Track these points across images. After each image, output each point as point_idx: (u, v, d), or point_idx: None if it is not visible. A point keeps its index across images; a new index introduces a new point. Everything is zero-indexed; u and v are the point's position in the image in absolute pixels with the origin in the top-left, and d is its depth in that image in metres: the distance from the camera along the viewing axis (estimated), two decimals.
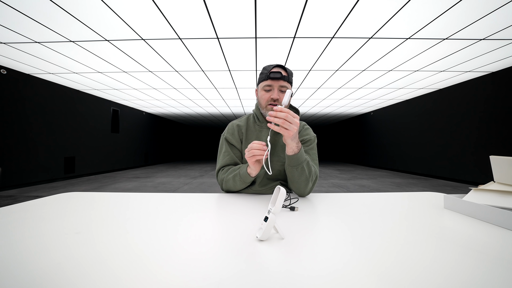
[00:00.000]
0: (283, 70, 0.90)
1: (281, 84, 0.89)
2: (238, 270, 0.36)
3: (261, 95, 0.93)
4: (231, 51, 3.49)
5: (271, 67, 0.90)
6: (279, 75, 0.86)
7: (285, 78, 0.88)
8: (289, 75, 0.90)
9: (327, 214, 0.68)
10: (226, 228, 0.55)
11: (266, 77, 0.89)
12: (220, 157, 1.00)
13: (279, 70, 0.89)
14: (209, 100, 6.90)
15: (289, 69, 0.92)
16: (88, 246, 0.45)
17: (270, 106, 0.90)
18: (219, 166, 0.99)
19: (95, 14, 2.49)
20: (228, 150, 0.99)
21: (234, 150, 1.00)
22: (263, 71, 0.92)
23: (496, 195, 0.63)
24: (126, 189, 4.45)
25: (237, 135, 1.00)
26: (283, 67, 0.91)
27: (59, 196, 0.88)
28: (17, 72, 4.40)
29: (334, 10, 2.45)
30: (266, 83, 0.90)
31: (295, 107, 1.03)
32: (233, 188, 0.92)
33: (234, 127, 1.02)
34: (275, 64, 0.91)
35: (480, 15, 2.50)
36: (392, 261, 0.39)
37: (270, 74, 0.88)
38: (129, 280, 0.34)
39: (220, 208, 0.73)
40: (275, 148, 0.95)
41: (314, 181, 0.89)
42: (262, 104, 0.93)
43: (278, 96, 0.89)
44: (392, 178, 5.96)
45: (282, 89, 0.90)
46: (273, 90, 0.90)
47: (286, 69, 0.90)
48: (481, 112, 4.62)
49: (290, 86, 0.91)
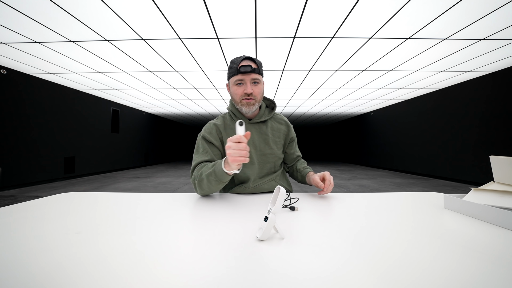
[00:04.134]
0: (252, 63, 0.88)
1: (252, 77, 0.88)
2: (238, 270, 0.36)
3: (234, 90, 0.91)
4: (231, 51, 3.49)
5: (239, 60, 0.88)
6: (249, 69, 0.85)
7: (255, 71, 0.87)
8: (259, 67, 0.89)
9: (327, 214, 0.68)
10: (226, 228, 0.55)
11: (236, 71, 0.87)
12: (196, 156, 0.93)
13: (248, 63, 0.88)
14: (209, 100, 6.90)
15: (258, 60, 0.91)
16: (88, 246, 0.45)
17: (244, 100, 0.90)
18: (194, 164, 0.90)
19: (95, 14, 2.49)
20: (206, 148, 0.94)
21: (213, 148, 0.95)
22: (232, 65, 0.90)
23: (496, 195, 0.63)
24: (126, 189, 4.45)
25: (215, 133, 0.97)
26: (252, 59, 0.89)
27: (59, 196, 0.88)
28: (17, 72, 4.40)
29: (334, 10, 2.45)
30: (237, 78, 0.88)
31: (269, 99, 1.05)
32: (207, 189, 0.82)
33: (212, 126, 0.99)
34: (243, 57, 0.89)
35: (480, 15, 2.50)
36: (392, 261, 0.39)
37: (240, 68, 0.86)
38: (130, 279, 0.34)
39: (220, 208, 0.73)
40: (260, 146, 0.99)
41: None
42: (236, 99, 0.92)
43: (251, 90, 0.88)
44: (392, 178, 5.96)
45: (254, 81, 0.89)
46: (246, 84, 0.88)
47: (255, 60, 0.89)
48: (481, 112, 4.62)
49: (261, 77, 0.91)
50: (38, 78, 4.81)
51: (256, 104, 0.92)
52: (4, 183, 4.20)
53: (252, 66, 0.86)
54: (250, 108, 0.92)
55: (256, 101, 0.91)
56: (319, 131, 15.80)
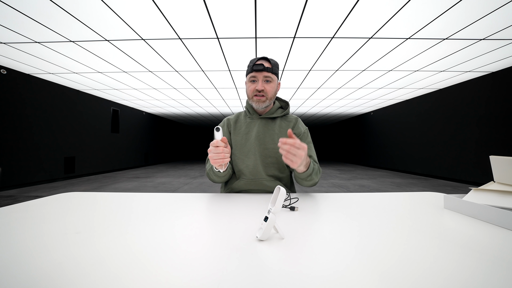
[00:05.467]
0: (266, 62, 0.95)
1: (264, 75, 0.94)
2: (238, 270, 0.36)
3: (248, 86, 1.00)
4: (231, 51, 3.49)
5: (255, 60, 0.96)
6: (262, 67, 0.93)
7: (268, 69, 0.94)
8: (272, 66, 0.95)
9: (327, 214, 0.68)
10: (226, 228, 0.55)
11: (251, 69, 0.95)
12: None
13: (262, 62, 0.95)
14: (209, 100, 6.90)
15: (274, 60, 0.98)
16: (88, 246, 0.45)
17: (256, 97, 0.96)
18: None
19: (95, 14, 2.49)
20: None
21: None
22: (249, 64, 0.98)
23: (496, 195, 0.63)
24: (126, 189, 4.45)
25: (226, 128, 1.06)
26: (267, 59, 0.96)
27: (59, 196, 0.88)
28: (17, 72, 4.40)
29: (334, 10, 2.45)
30: (251, 75, 0.96)
31: (284, 100, 1.09)
32: (218, 180, 0.97)
33: (224, 120, 1.10)
34: (260, 57, 0.97)
35: (480, 15, 2.50)
36: (392, 261, 0.39)
37: (253, 67, 0.94)
38: (129, 279, 0.34)
39: (220, 208, 0.73)
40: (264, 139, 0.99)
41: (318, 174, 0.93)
42: (249, 95, 1.00)
43: (262, 87, 0.94)
44: (392, 178, 5.96)
45: (266, 79, 0.95)
46: (258, 81, 0.95)
47: (270, 60, 0.96)
48: (481, 112, 4.62)
49: (274, 77, 0.97)
50: (38, 78, 4.81)
51: (267, 101, 0.97)
52: (4, 183, 4.20)
53: (264, 65, 0.93)
54: (261, 105, 0.97)
55: (267, 98, 0.97)
56: (319, 131, 15.80)
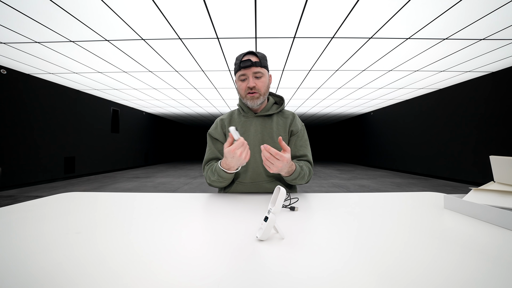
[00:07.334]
0: (253, 56, 0.89)
1: (253, 71, 0.89)
2: (238, 270, 0.36)
3: (239, 85, 0.94)
4: (231, 51, 3.49)
5: (241, 56, 0.91)
6: (249, 63, 0.87)
7: (256, 64, 0.88)
8: (260, 60, 0.89)
9: (327, 214, 0.68)
10: (226, 228, 0.55)
11: (238, 67, 0.89)
12: (206, 154, 1.03)
13: (248, 57, 0.89)
14: (209, 100, 6.90)
15: (261, 53, 0.91)
16: (88, 246, 0.45)
17: (249, 95, 0.91)
18: (204, 162, 1.01)
19: (95, 14, 2.49)
20: (211, 146, 1.01)
21: (217, 144, 1.01)
22: (236, 61, 0.92)
23: (496, 195, 0.63)
24: (126, 189, 4.45)
25: (219, 129, 1.00)
26: (253, 53, 0.90)
27: (59, 196, 0.88)
28: (17, 72, 4.40)
29: (334, 10, 2.45)
30: (240, 73, 0.90)
31: (278, 95, 1.05)
32: (223, 185, 0.91)
33: (218, 122, 1.03)
34: (246, 52, 0.91)
35: (480, 15, 2.50)
36: (392, 261, 0.39)
37: (241, 64, 0.88)
38: (130, 279, 0.34)
39: (220, 208, 0.73)
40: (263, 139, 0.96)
41: (309, 176, 0.93)
42: (241, 94, 0.95)
43: (254, 83, 0.89)
44: (392, 178, 5.96)
45: (256, 75, 0.90)
46: (248, 78, 0.90)
47: (256, 54, 0.90)
48: (481, 112, 4.62)
49: (264, 70, 0.91)
50: (38, 78, 4.81)
51: (261, 97, 0.93)
52: (4, 183, 4.20)
53: (252, 60, 0.87)
54: (255, 102, 0.93)
55: (261, 94, 0.92)
56: (319, 131, 15.80)
